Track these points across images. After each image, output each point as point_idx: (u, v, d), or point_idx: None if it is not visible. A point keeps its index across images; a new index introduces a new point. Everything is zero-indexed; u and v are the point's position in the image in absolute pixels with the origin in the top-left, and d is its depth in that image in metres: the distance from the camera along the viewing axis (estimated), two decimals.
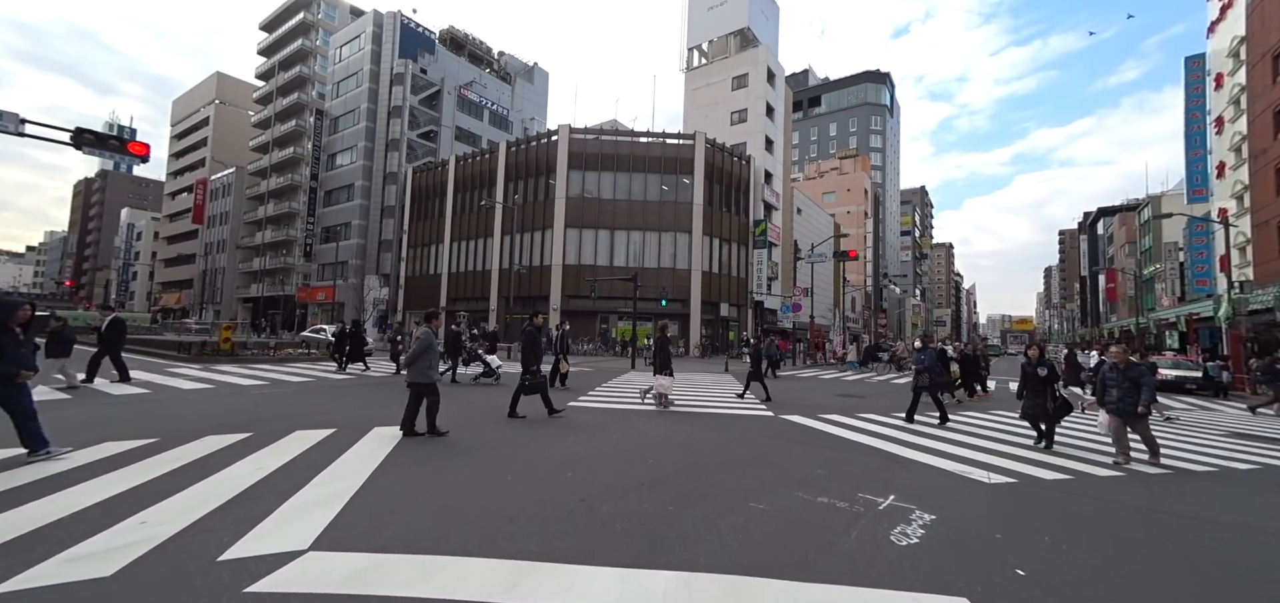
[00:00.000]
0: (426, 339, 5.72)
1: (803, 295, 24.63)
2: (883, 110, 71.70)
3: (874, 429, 7.36)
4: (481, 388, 10.86)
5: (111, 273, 76.97)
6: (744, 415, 8.34)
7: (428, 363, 5.69)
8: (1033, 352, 6.41)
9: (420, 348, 5.66)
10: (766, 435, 6.55)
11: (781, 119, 36.40)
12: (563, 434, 6.27)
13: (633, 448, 5.41)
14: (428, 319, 6.08)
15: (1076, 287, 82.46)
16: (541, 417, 7.08)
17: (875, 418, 8.53)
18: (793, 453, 5.61)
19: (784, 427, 7.36)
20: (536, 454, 5.14)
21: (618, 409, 8.50)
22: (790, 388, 13.77)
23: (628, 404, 9.39)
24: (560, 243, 28.61)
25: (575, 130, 29.26)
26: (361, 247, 41.69)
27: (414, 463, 4.72)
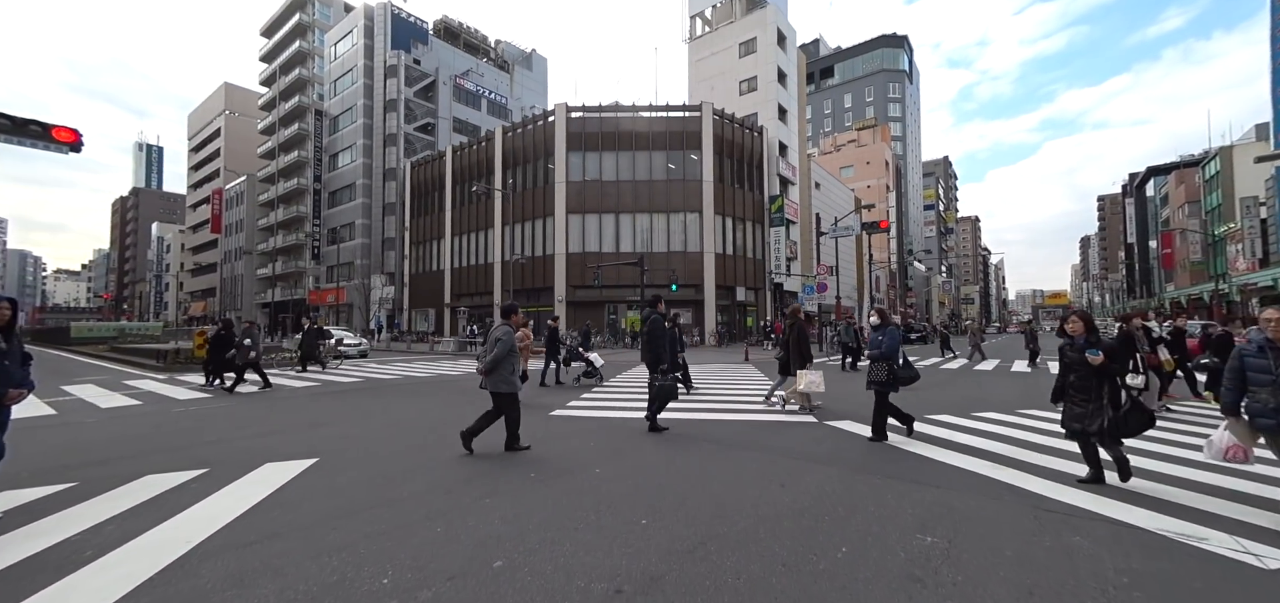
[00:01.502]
0: (509, 340, 4.76)
1: (828, 274, 22.46)
2: (901, 76, 67.53)
3: (967, 441, 5.35)
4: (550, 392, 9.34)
5: (148, 285, 79.59)
6: (776, 424, 6.52)
7: (511, 368, 4.76)
8: (1074, 325, 3.80)
9: (503, 350, 4.70)
10: (817, 463, 4.47)
11: (795, 86, 33.83)
12: (514, 475, 4.63)
13: (618, 497, 3.63)
14: (506, 315, 5.06)
15: (1120, 255, 76.84)
16: (495, 451, 5.09)
17: (954, 421, 6.63)
18: (870, 498, 3.56)
19: (838, 444, 5.38)
20: (460, 524, 3.11)
21: (610, 419, 6.79)
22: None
23: (627, 409, 7.71)
24: (562, 230, 27.03)
25: (573, 109, 27.50)
26: (366, 246, 41.07)
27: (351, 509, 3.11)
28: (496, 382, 4.71)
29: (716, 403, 7.91)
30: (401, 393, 9.24)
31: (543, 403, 7.90)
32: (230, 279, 57.34)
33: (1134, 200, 65.94)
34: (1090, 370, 3.64)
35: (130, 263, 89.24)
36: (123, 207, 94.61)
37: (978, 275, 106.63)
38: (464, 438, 4.73)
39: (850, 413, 6.85)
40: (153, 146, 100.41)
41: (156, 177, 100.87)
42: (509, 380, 4.72)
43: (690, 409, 7.20)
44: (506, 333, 4.79)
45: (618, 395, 8.87)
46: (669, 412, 6.81)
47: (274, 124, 50.91)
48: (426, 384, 10.55)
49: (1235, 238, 36.48)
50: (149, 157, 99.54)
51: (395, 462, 4.45)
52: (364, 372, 13.09)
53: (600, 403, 8.03)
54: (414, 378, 11.65)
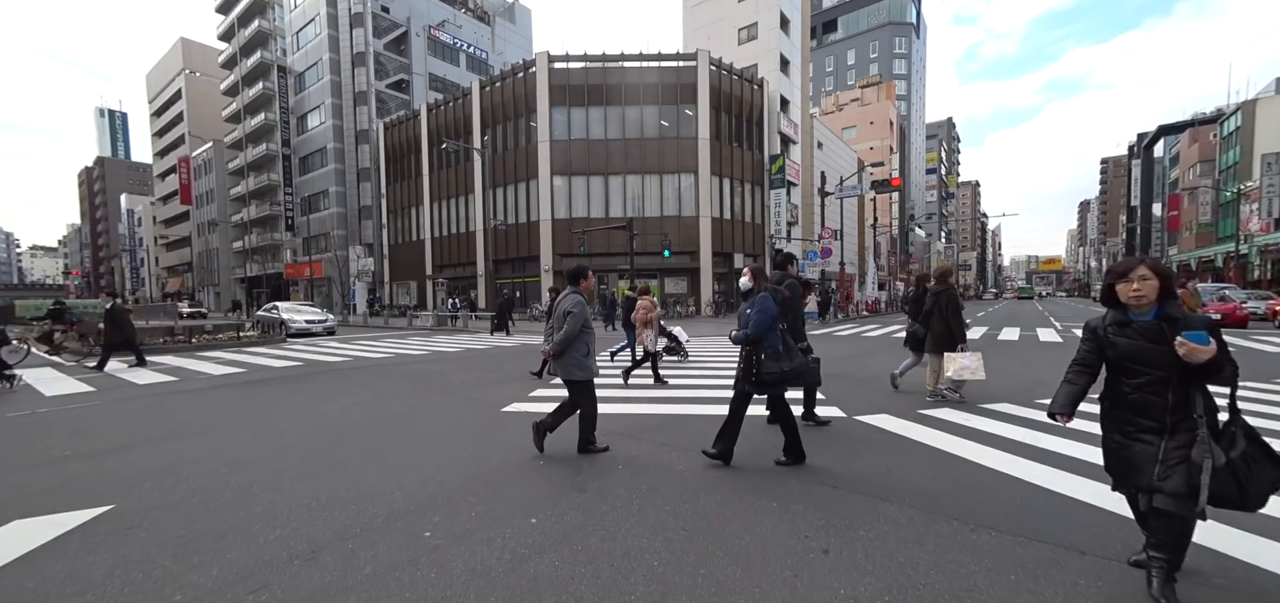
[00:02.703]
0: (582, 313, 3.72)
1: (832, 238, 20.91)
2: (908, 29, 63.98)
3: (1057, 446, 4.05)
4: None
5: (123, 261, 76.49)
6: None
7: (585, 348, 3.74)
8: (1143, 288, 1.91)
9: (575, 326, 3.66)
10: (872, 498, 2.99)
11: (798, 34, 31.21)
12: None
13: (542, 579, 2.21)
14: (575, 280, 3.94)
15: (1122, 219, 75.74)
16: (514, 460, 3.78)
17: (1018, 412, 5.24)
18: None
19: (879, 449, 4.09)
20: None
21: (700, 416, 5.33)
22: (839, 354, 10.50)
23: (713, 398, 6.26)
24: (547, 194, 25.07)
25: (556, 58, 24.99)
26: (342, 215, 38.73)
27: None
28: (568, 366, 3.70)
29: (712, 381, 6.50)
30: (338, 381, 7.74)
31: (522, 390, 6.45)
32: (205, 253, 54.78)
33: (1141, 161, 64.23)
34: (1172, 370, 1.85)
35: (103, 238, 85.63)
36: (89, 178, 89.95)
37: (975, 241, 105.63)
38: (537, 433, 3.79)
39: (872, 396, 5.47)
40: (116, 112, 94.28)
41: (123, 145, 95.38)
42: (583, 364, 3.71)
43: (683, 382, 5.81)
44: (578, 304, 3.71)
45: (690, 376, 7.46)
46: (667, 406, 5.38)
47: (237, 83, 47.25)
48: (377, 369, 9.06)
49: (1252, 197, 35.17)
50: (113, 123, 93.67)
51: (231, 513, 2.97)
52: (318, 352, 11.57)
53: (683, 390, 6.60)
54: (367, 361, 10.14)
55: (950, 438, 4.13)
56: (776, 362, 3.28)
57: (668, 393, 6.24)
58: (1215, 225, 41.94)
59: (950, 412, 5.05)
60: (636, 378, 7.14)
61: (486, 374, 8.12)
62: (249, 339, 13.71)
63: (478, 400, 5.97)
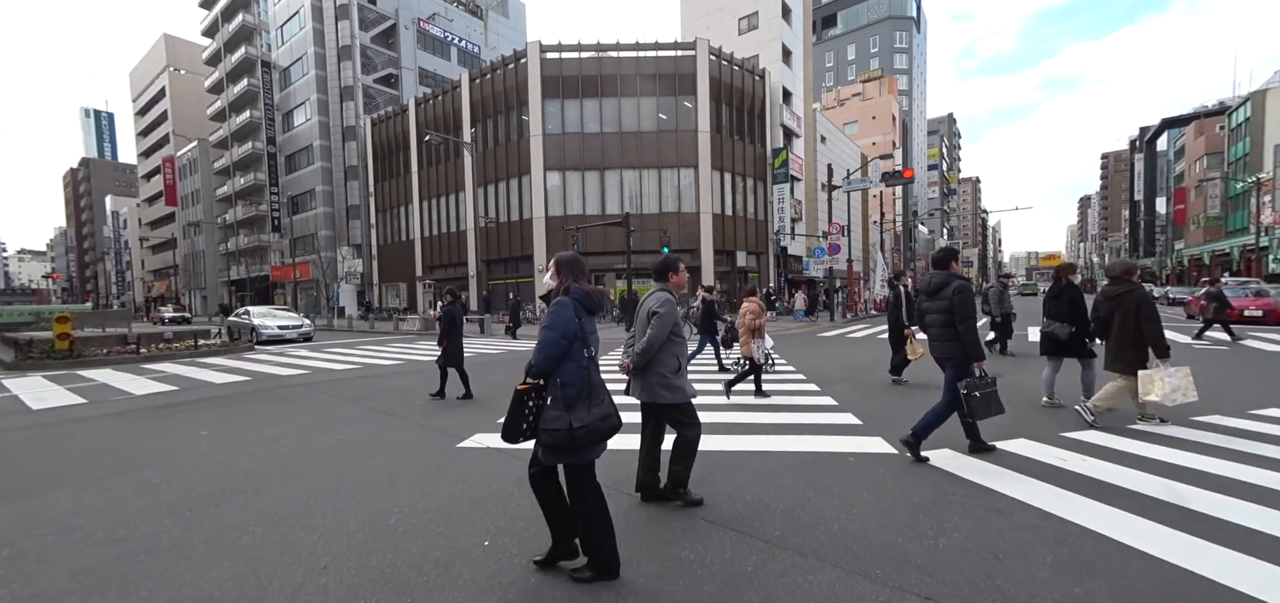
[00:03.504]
0: (670, 315, 2.77)
1: (840, 234, 19.82)
2: (908, 24, 63.03)
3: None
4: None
5: (108, 265, 74.90)
6: (845, 455, 4.00)
7: (675, 361, 2.78)
8: None
9: (661, 332, 2.72)
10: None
11: (800, 23, 30.13)
12: None
13: None
14: (663, 274, 2.95)
15: (1124, 214, 75.10)
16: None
17: (1238, 426, 4.13)
18: None
19: (960, 505, 3.00)
20: None
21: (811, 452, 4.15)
22: (857, 363, 9.40)
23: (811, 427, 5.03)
24: (540, 190, 23.89)
25: (548, 48, 23.82)
26: (329, 215, 37.44)
27: None
28: (652, 385, 2.78)
29: (730, 408, 5.36)
30: (278, 402, 6.56)
31: (464, 419, 5.29)
32: (191, 256, 53.37)
33: (1144, 155, 63.45)
34: None
35: (89, 241, 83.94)
36: (74, 179, 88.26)
37: (977, 238, 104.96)
38: (641, 488, 2.96)
39: (1024, 427, 4.36)
40: (101, 113, 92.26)
41: (109, 145, 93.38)
42: (671, 382, 2.78)
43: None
44: (666, 303, 2.77)
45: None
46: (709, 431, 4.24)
47: (221, 80, 45.83)
48: (333, 385, 7.89)
49: (1265, 188, 34.26)
50: (98, 123, 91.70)
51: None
52: (277, 364, 10.38)
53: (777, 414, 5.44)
54: (328, 374, 8.97)
55: (1075, 504, 2.99)
56: (567, 412, 1.96)
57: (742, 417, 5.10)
58: (1225, 218, 41.07)
59: (1140, 439, 3.91)
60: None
61: (455, 392, 6.96)
62: (210, 348, 12.49)
63: (433, 430, 4.81)
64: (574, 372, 2.04)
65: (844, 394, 6.01)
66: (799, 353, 10.32)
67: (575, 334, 2.04)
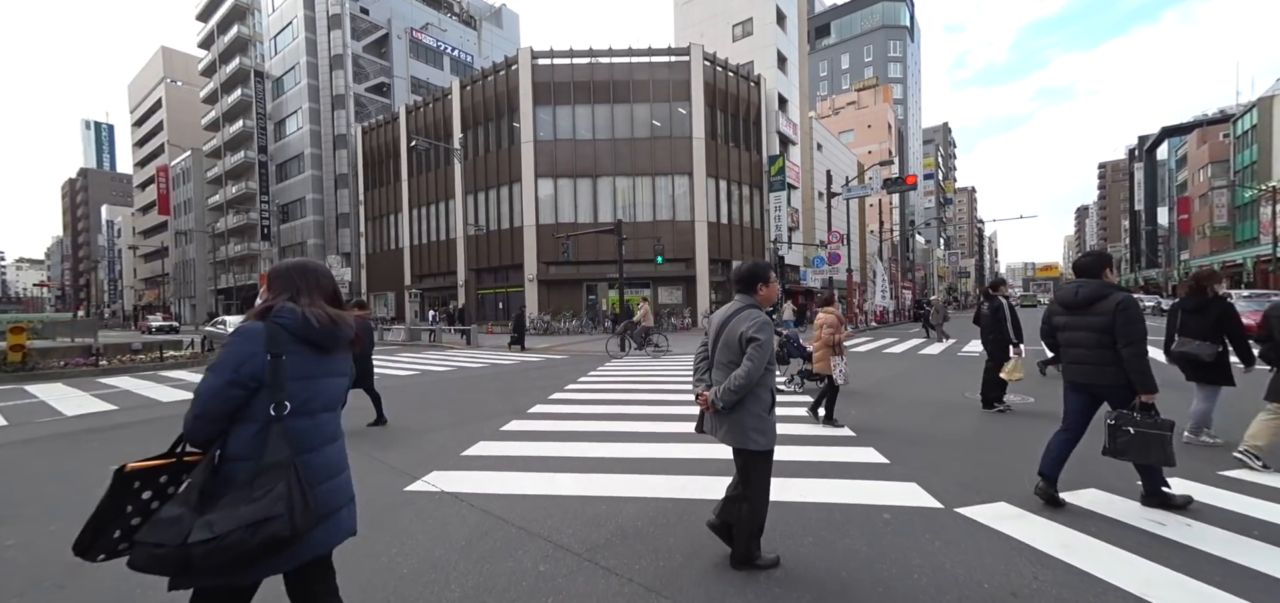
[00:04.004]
0: (769, 342, 2.15)
1: (840, 243, 19.19)
2: (902, 33, 63.32)
3: None
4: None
5: (101, 273, 74.25)
6: (877, 510, 3.38)
7: (769, 399, 2.23)
8: None
9: (760, 362, 2.14)
10: None
11: (795, 29, 29.88)
12: None
13: None
14: (749, 285, 2.36)
15: (1124, 224, 74.84)
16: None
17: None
18: None
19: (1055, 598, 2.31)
20: None
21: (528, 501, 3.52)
22: (868, 382, 8.70)
23: (566, 446, 4.41)
24: (532, 198, 23.33)
25: (540, 54, 23.45)
26: (319, 224, 36.90)
27: None
28: (745, 428, 2.22)
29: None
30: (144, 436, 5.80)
31: (417, 450, 4.56)
32: (181, 265, 52.80)
33: (1143, 165, 63.32)
34: None
35: (84, 250, 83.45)
36: (72, 189, 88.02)
37: (973, 249, 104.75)
38: (729, 545, 2.38)
39: (974, 475, 3.64)
40: (102, 124, 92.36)
41: (109, 156, 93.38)
42: (764, 423, 2.22)
43: (676, 437, 3.99)
44: (762, 326, 2.18)
45: (567, 422, 5.59)
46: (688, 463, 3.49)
47: (216, 91, 45.72)
48: None
49: (1269, 198, 33.78)
50: (98, 135, 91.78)
51: None
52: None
53: (533, 439, 4.71)
54: None
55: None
56: (191, 511, 1.21)
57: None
58: (1233, 228, 40.56)
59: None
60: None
61: (422, 415, 6.24)
62: (177, 360, 11.74)
63: (382, 467, 4.08)
64: (246, 441, 1.30)
65: (861, 422, 5.24)
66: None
67: (259, 382, 1.30)
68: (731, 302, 2.38)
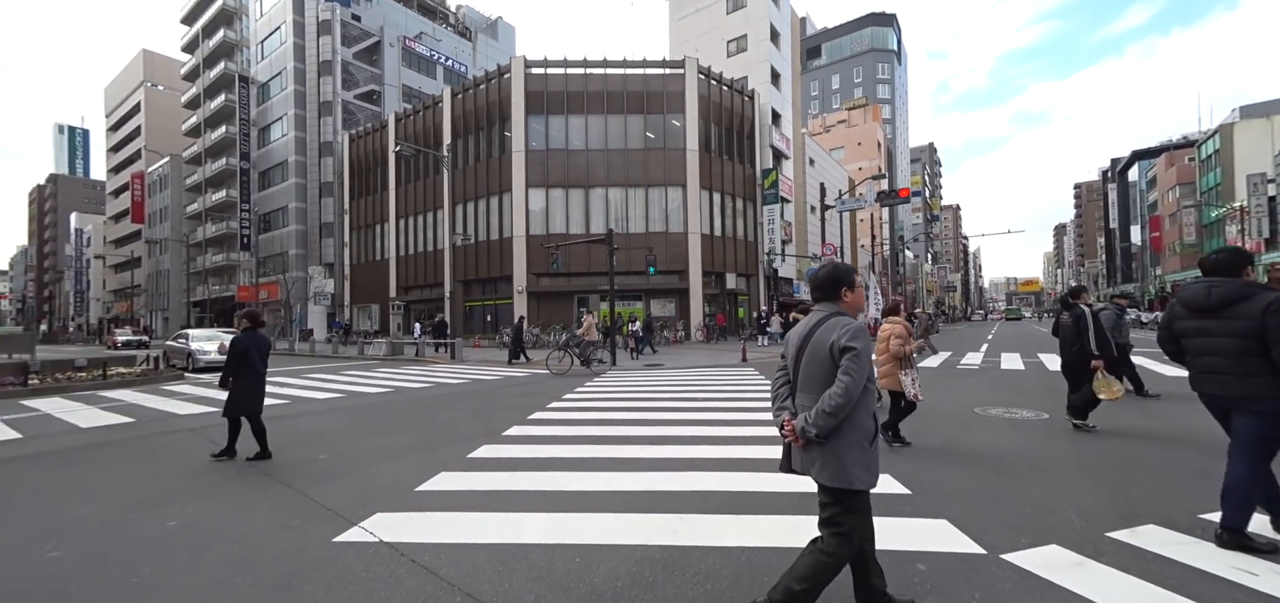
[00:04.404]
0: (866, 353, 1.78)
1: (834, 255, 19.04)
2: (890, 56, 65.17)
3: None
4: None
5: (67, 284, 71.03)
6: (908, 557, 2.73)
7: (869, 426, 1.87)
8: None
9: (857, 379, 1.75)
10: None
11: (789, 47, 30.28)
12: None
13: None
14: (831, 290, 2.00)
15: (1100, 242, 77.14)
16: None
17: None
18: None
19: None
20: None
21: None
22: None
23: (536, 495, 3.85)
24: (522, 208, 22.84)
25: (533, 64, 23.21)
26: (302, 233, 35.79)
27: None
28: (844, 462, 1.81)
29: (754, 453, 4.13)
30: (140, 457, 5.18)
31: (366, 480, 3.97)
32: (155, 275, 50.79)
33: (1116, 185, 65.56)
34: None
35: (50, 260, 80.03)
36: (40, 196, 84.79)
37: (959, 264, 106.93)
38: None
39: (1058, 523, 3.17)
40: (76, 129, 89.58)
41: (83, 163, 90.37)
42: (866, 456, 1.83)
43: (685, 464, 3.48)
44: (861, 336, 1.81)
45: (541, 460, 5.03)
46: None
47: (199, 96, 44.61)
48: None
49: (1235, 218, 35.01)
50: (72, 140, 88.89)
51: None
52: (172, 402, 8.88)
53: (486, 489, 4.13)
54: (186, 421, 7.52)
55: None
56: None
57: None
58: (1201, 245, 41.93)
59: None
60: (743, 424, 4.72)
61: (381, 441, 5.61)
62: (124, 378, 10.79)
63: (313, 508, 3.47)
64: None
65: None
66: None
67: None
68: (811, 313, 2.03)
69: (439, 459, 4.50)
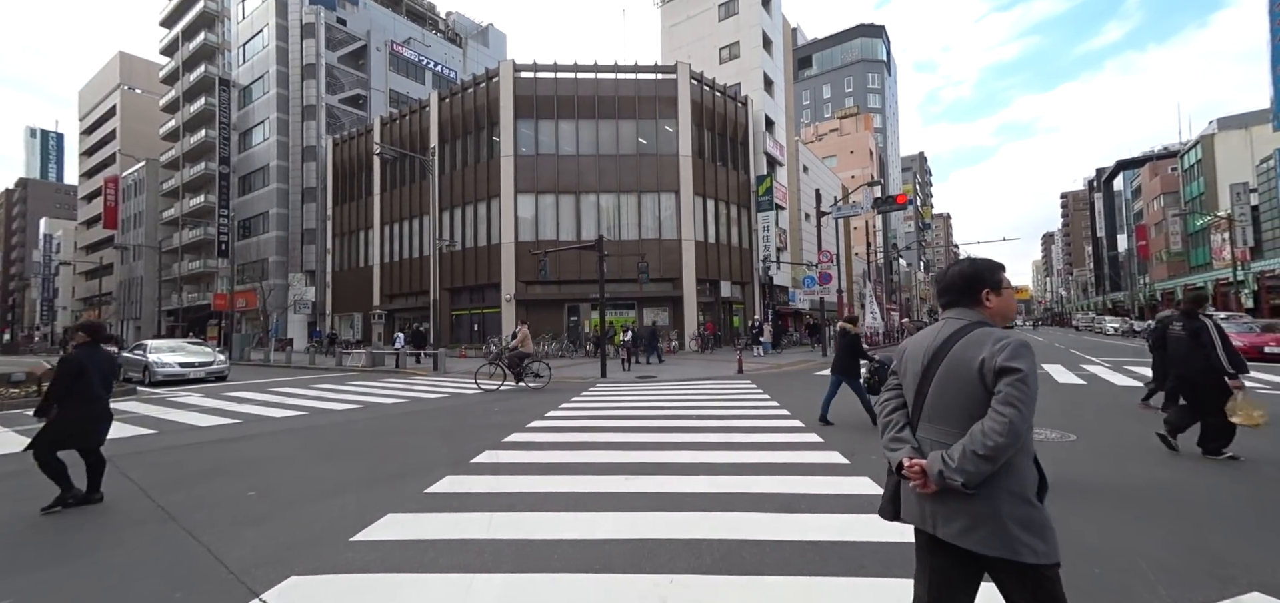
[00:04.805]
0: (1034, 376, 1.30)
1: (831, 262, 18.58)
2: (880, 67, 65.92)
3: None
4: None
5: (34, 291, 68.31)
6: None
7: (1035, 473, 1.36)
8: None
9: (1025, 412, 1.27)
10: None
11: (781, 54, 30.14)
12: None
13: None
14: (971, 294, 1.48)
15: (1088, 250, 78.36)
16: None
17: None
18: None
19: None
20: None
21: None
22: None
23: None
24: (511, 214, 22.13)
25: (522, 68, 22.65)
26: (282, 240, 34.64)
27: None
28: (1003, 521, 1.28)
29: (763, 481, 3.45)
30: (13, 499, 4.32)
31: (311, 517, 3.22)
32: (128, 283, 48.93)
33: (1102, 195, 66.70)
34: None
35: (17, 267, 77.17)
36: (8, 201, 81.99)
37: None
38: None
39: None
40: (50, 133, 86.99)
41: (57, 167, 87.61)
42: (1041, 519, 1.29)
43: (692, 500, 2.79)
44: (1024, 353, 1.28)
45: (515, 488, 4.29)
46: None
47: (177, 99, 43.41)
48: (165, 458, 5.67)
49: (1220, 227, 35.48)
50: (45, 145, 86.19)
51: None
52: (127, 417, 7.98)
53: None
54: (176, 438, 6.69)
55: None
56: None
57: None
58: (1186, 253, 42.50)
59: None
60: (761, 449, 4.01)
61: (327, 470, 4.85)
62: (7, 399, 9.49)
63: (211, 575, 2.71)
64: None
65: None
66: (796, 399, 8.46)
67: None
68: (940, 321, 1.54)
69: (389, 497, 3.76)
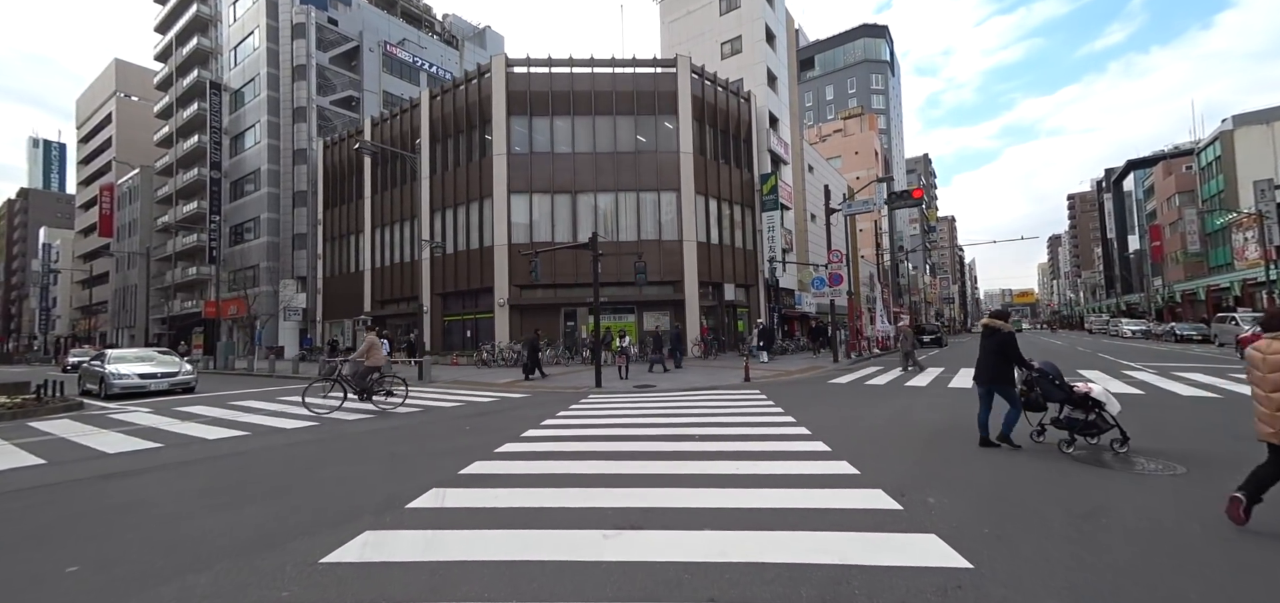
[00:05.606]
0: None
1: (841, 263, 17.47)
2: (883, 67, 65.08)
3: None
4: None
5: (33, 300, 67.84)
6: None
7: None
8: None
9: None
10: None
11: (785, 49, 29.22)
12: None
13: None
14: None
15: (1096, 252, 76.91)
16: None
17: None
18: None
19: None
20: None
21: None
22: (918, 434, 6.53)
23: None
24: (504, 215, 21.15)
25: (515, 63, 21.77)
26: (273, 245, 33.80)
27: None
28: None
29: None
30: None
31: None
32: (123, 291, 48.29)
33: (1112, 196, 65.38)
34: None
35: (18, 276, 76.87)
36: (10, 211, 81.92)
37: (956, 275, 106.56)
38: None
39: None
40: (52, 143, 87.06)
41: (58, 177, 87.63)
42: None
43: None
44: None
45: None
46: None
47: (171, 105, 42.87)
48: (56, 495, 4.62)
49: (1242, 225, 34.16)
50: (47, 155, 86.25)
51: None
52: (28, 449, 6.95)
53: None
54: (88, 467, 5.64)
55: None
56: None
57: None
58: (1205, 254, 41.10)
59: None
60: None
61: (218, 521, 3.78)
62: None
63: None
64: None
65: (954, 515, 3.03)
66: (816, 413, 7.32)
67: None
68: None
69: (269, 568, 2.68)
